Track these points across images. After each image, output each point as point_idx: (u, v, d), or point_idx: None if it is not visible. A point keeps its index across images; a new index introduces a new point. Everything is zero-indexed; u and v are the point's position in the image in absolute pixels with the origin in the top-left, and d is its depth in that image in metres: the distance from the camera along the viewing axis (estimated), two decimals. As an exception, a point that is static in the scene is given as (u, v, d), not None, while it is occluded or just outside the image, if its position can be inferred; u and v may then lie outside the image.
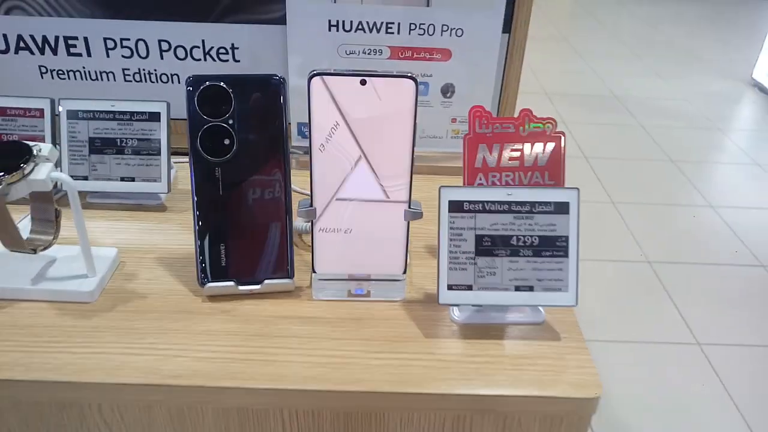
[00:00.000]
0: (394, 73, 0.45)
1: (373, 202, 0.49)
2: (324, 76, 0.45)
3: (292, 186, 0.52)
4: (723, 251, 1.89)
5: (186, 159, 0.51)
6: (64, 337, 0.47)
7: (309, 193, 0.49)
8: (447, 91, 0.71)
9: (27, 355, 0.46)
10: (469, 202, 0.47)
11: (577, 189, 0.48)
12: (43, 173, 0.47)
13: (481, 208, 0.47)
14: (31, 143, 0.48)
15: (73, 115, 0.62)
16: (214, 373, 0.45)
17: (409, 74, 0.45)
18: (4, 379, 0.44)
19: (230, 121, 0.49)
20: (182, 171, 0.71)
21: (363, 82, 0.45)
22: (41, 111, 0.62)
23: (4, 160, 0.46)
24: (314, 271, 0.51)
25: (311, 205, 0.49)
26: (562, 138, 0.54)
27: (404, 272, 0.52)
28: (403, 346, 0.48)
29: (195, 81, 0.49)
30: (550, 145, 0.55)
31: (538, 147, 0.54)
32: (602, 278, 1.79)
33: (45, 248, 0.51)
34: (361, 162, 0.48)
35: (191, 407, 0.46)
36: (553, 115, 0.55)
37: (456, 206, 0.47)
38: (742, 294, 1.71)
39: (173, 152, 0.63)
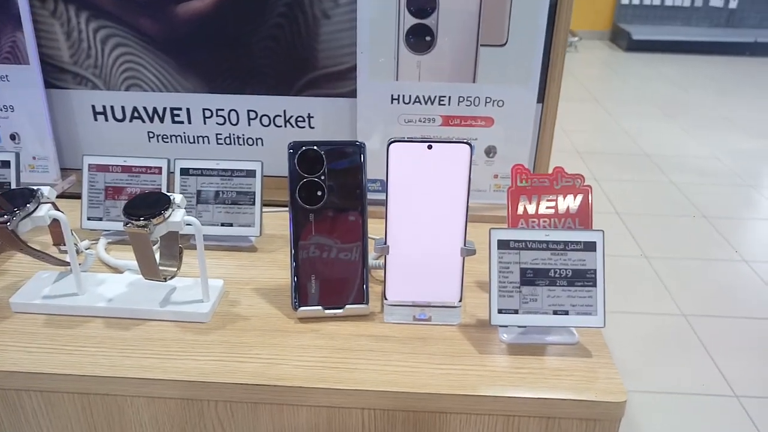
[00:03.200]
0: (453, 140, 0.58)
1: (435, 241, 0.61)
2: (400, 143, 0.58)
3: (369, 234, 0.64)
4: (758, 305, 1.94)
5: (272, 209, 0.63)
6: (189, 348, 0.59)
7: (379, 236, 0.61)
8: (490, 152, 0.84)
9: (161, 361, 0.57)
10: (515, 240, 0.59)
11: (602, 231, 0.59)
12: (178, 217, 0.60)
13: (524, 246, 0.59)
14: (168, 193, 0.61)
15: (185, 172, 0.76)
16: (308, 377, 0.56)
17: (466, 140, 0.58)
18: (145, 378, 0.56)
19: (322, 177, 0.62)
20: (266, 218, 0.84)
21: (429, 147, 0.58)
22: (160, 168, 0.76)
23: (151, 207, 0.59)
24: (385, 299, 0.63)
25: (385, 244, 0.61)
26: (590, 191, 0.66)
27: (460, 300, 0.62)
28: (461, 360, 0.58)
29: (295, 145, 0.62)
30: (579, 197, 0.66)
31: (569, 198, 0.66)
32: (637, 331, 1.85)
33: (171, 278, 0.64)
34: (427, 209, 0.60)
35: (289, 405, 0.56)
36: (585, 172, 0.66)
37: (503, 244, 0.59)
38: (778, 346, 1.75)
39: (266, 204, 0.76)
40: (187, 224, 0.61)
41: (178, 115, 0.89)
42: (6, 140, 0.88)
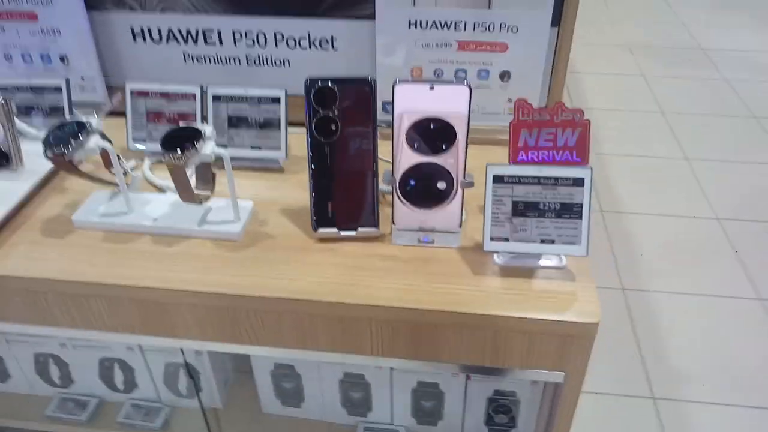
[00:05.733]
0: (454, 82, 0.62)
1: (438, 173, 0.67)
2: (404, 84, 0.62)
3: (379, 156, 0.69)
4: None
5: (298, 130, 0.69)
6: (223, 263, 0.69)
7: (391, 161, 0.67)
8: (504, 76, 0.87)
9: (200, 275, 0.67)
10: (509, 176, 0.64)
11: (591, 168, 0.63)
12: (209, 149, 0.67)
13: (517, 181, 0.64)
14: (199, 126, 0.68)
15: (216, 98, 0.82)
16: (324, 293, 0.65)
17: (465, 83, 0.62)
18: (187, 290, 0.66)
19: (336, 112, 0.68)
20: (293, 139, 0.90)
21: (432, 88, 0.62)
22: (194, 95, 0.83)
23: (183, 140, 0.66)
24: (394, 224, 0.70)
25: (393, 176, 0.67)
26: (588, 125, 0.69)
27: (459, 226, 0.69)
28: (457, 279, 0.66)
29: (311, 82, 0.67)
30: (578, 131, 0.70)
31: (568, 132, 0.70)
32: (668, 233, 1.89)
33: (206, 200, 0.72)
34: (429, 144, 0.65)
35: (308, 315, 0.66)
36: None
37: (498, 179, 0.64)
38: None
39: (289, 123, 0.82)
40: (217, 156, 0.68)
41: (210, 37, 0.94)
42: (56, 62, 0.96)
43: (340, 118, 0.68)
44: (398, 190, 0.68)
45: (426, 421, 0.90)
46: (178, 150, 0.65)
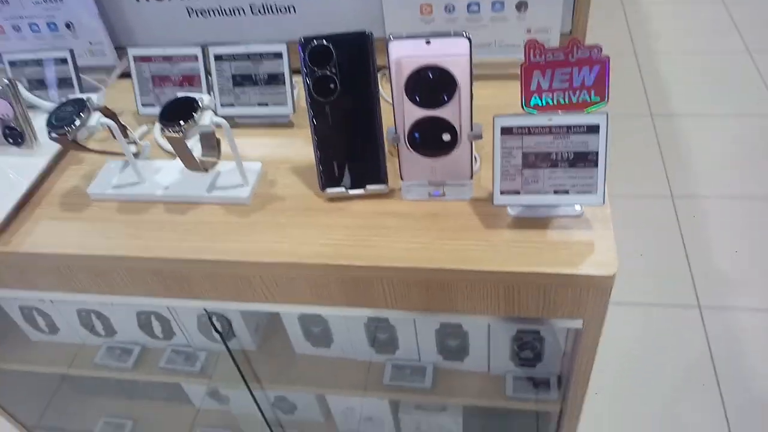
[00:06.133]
0: (451, 33, 0.58)
1: (444, 127, 0.64)
2: (398, 40, 0.59)
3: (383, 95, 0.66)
4: None
5: None
6: (234, 230, 0.69)
7: (393, 116, 0.65)
8: (521, 6, 0.80)
9: (212, 243, 0.68)
10: (518, 127, 0.61)
11: (606, 114, 0.59)
12: (207, 119, 0.66)
13: (526, 132, 0.61)
14: (196, 96, 0.67)
15: (218, 57, 0.80)
16: (333, 255, 0.64)
17: (463, 33, 0.57)
18: (200, 259, 0.67)
19: (333, 70, 0.65)
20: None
21: (428, 42, 0.59)
22: (195, 56, 0.81)
23: (181, 113, 0.65)
24: (402, 179, 0.68)
25: (396, 133, 0.65)
26: (607, 62, 0.64)
27: (471, 178, 0.67)
28: (468, 234, 0.64)
29: (305, 41, 0.64)
30: (596, 68, 0.65)
31: (585, 70, 0.65)
32: (726, 134, 1.79)
33: (213, 167, 0.72)
34: (432, 99, 0.62)
35: (320, 278, 0.66)
36: None
37: (507, 131, 0.61)
38: None
39: (297, 72, 0.79)
40: (217, 124, 0.67)
41: (211, -11, 0.90)
42: (63, 29, 0.95)
43: (338, 77, 0.65)
44: (405, 142, 0.65)
45: (452, 357, 0.91)
46: (176, 123, 0.64)
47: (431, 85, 0.62)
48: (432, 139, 0.65)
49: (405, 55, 0.60)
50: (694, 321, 1.40)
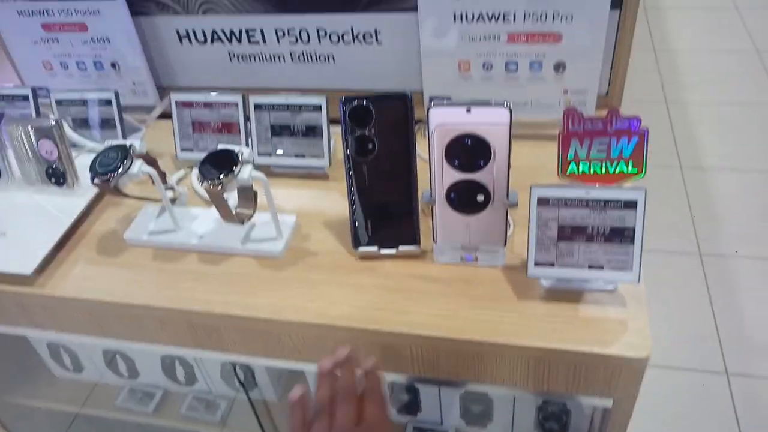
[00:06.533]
0: (493, 103, 0.58)
1: (479, 189, 0.63)
2: (439, 108, 0.59)
3: (419, 153, 0.66)
4: None
5: None
6: (266, 284, 0.69)
7: (429, 178, 0.65)
8: (559, 67, 0.80)
9: (243, 297, 0.68)
10: (555, 198, 0.60)
11: (644, 189, 0.58)
12: (246, 173, 0.67)
13: (563, 204, 0.60)
14: (236, 148, 0.68)
15: (258, 107, 0.81)
16: (363, 318, 0.64)
17: (505, 103, 0.57)
18: (230, 314, 0.67)
19: (372, 131, 0.65)
20: (339, 139, 0.88)
21: (468, 110, 0.59)
22: (236, 104, 0.82)
23: (221, 165, 0.66)
24: (435, 242, 0.68)
25: (432, 196, 0.65)
26: (646, 133, 0.64)
27: (504, 245, 0.66)
28: (500, 304, 0.64)
29: (347, 100, 0.65)
30: (635, 139, 0.64)
31: (624, 141, 0.64)
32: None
33: (249, 219, 0.73)
34: (470, 166, 0.62)
35: (349, 340, 0.66)
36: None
37: (543, 201, 0.60)
38: None
39: (333, 121, 0.79)
40: (256, 178, 0.68)
41: (253, 36, 0.92)
42: (108, 68, 0.97)
43: (376, 136, 0.65)
44: (440, 202, 0.65)
45: (475, 422, 0.90)
46: (216, 177, 0.65)
47: (470, 151, 0.62)
48: (467, 201, 0.65)
49: (446, 122, 0.60)
50: (721, 387, 1.36)
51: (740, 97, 2.14)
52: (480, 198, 0.64)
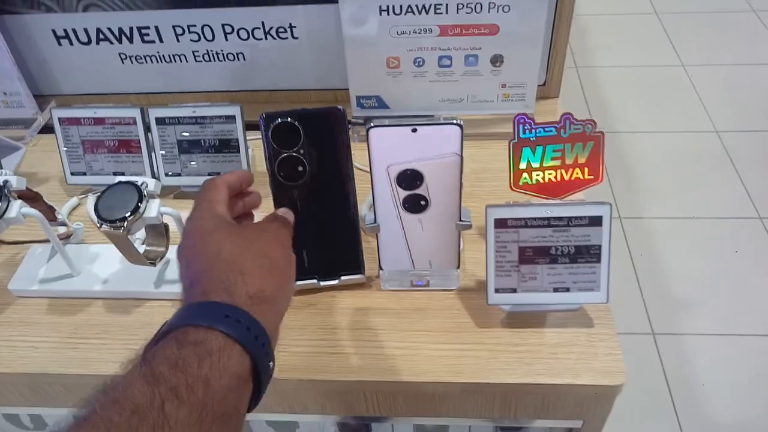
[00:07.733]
0: (441, 121, 0.51)
1: (428, 216, 0.56)
2: (380, 128, 0.51)
3: (356, 164, 0.58)
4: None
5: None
6: (188, 334, 0.60)
7: (372, 202, 0.57)
8: (496, 61, 0.74)
9: (163, 351, 0.58)
10: (513, 219, 0.54)
11: (609, 204, 0.53)
12: (153, 210, 0.56)
13: (523, 224, 0.54)
14: (139, 181, 0.57)
15: (161, 121, 0.70)
16: (306, 368, 0.56)
17: (455, 121, 0.50)
18: (150, 372, 0.57)
19: (301, 151, 0.56)
20: (258, 150, 0.78)
21: (414, 130, 0.51)
22: (134, 119, 0.70)
23: (123, 206, 0.55)
24: (381, 268, 0.61)
25: (375, 222, 0.57)
26: (602, 138, 0.59)
27: (458, 267, 0.60)
28: (460, 336, 0.57)
29: (268, 118, 0.55)
30: (590, 145, 0.59)
31: (578, 147, 0.59)
32: (665, 149, 1.81)
33: (160, 259, 0.62)
34: (418, 189, 0.55)
35: (293, 391, 0.58)
36: None
37: (501, 223, 0.54)
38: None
39: (250, 127, 0.69)
40: (166, 214, 0.57)
41: (147, 35, 0.80)
42: (-29, 78, 0.82)
43: (306, 158, 0.57)
44: (384, 225, 0.58)
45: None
46: (117, 220, 0.54)
47: (419, 177, 0.54)
48: (415, 208, 0.57)
49: (392, 157, 0.53)
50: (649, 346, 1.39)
51: (646, 60, 2.19)
52: (423, 203, 0.57)
